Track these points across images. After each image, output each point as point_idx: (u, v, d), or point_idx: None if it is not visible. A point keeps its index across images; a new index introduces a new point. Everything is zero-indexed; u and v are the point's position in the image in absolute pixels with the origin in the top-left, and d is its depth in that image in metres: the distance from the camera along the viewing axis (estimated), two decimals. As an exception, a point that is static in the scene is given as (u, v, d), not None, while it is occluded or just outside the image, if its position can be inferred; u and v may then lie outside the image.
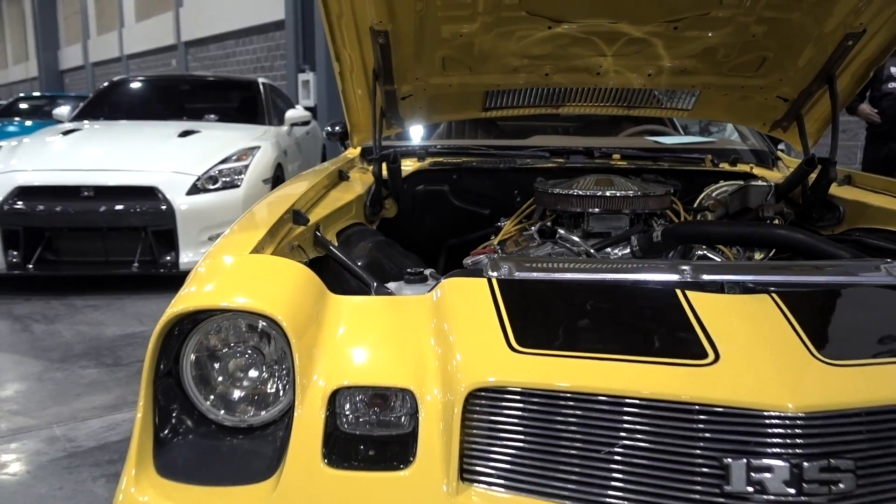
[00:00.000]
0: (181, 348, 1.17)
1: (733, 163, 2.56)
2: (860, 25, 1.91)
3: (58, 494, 2.12)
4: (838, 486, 0.91)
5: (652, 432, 0.96)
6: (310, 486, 1.03)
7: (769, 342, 1.02)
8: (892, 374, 0.99)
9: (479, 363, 1.05)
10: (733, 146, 2.84)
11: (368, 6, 1.85)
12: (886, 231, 1.93)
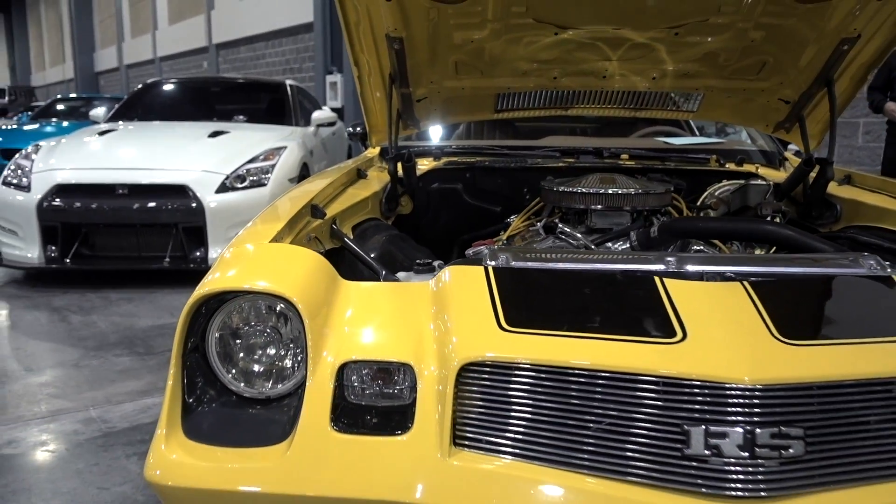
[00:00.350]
0: (207, 326, 1.30)
1: (739, 163, 2.64)
2: (854, 31, 1.98)
3: (94, 470, 2.28)
4: (788, 452, 1.01)
5: (622, 402, 1.07)
6: (318, 447, 1.15)
7: (734, 324, 1.12)
8: (843, 353, 1.09)
9: (470, 340, 1.17)
10: (742, 147, 2.92)
11: (384, 14, 1.97)
12: (879, 228, 2.00)
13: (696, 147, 2.79)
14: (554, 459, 1.08)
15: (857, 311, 1.22)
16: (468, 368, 1.15)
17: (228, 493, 1.14)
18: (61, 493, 2.13)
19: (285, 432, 1.20)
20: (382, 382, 1.21)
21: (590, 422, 1.07)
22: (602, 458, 1.06)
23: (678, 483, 1.03)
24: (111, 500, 2.10)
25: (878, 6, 1.90)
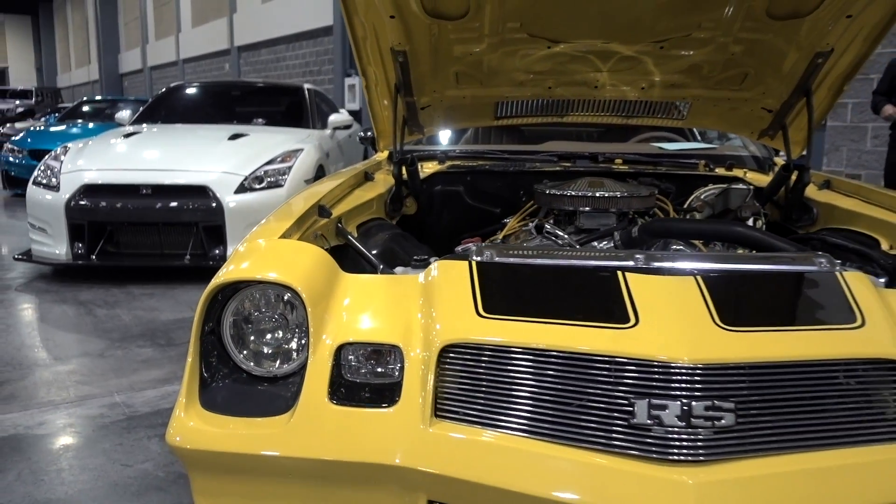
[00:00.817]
0: (222, 312, 1.46)
1: (729, 167, 2.77)
2: (827, 45, 2.12)
3: (118, 449, 2.46)
4: (720, 422, 1.16)
5: (580, 378, 1.22)
6: (317, 417, 1.31)
7: (681, 312, 1.27)
8: (773, 339, 1.23)
9: (451, 325, 1.32)
10: (735, 152, 3.04)
11: (389, 30, 2.14)
12: (848, 230, 2.14)
13: (688, 152, 2.93)
14: (520, 428, 1.23)
15: (794, 303, 1.36)
16: (448, 350, 1.31)
17: (238, 455, 1.31)
18: (88, 469, 2.32)
19: (289, 405, 1.36)
20: (374, 362, 1.37)
21: (552, 396, 1.23)
22: (561, 427, 1.21)
23: (625, 449, 1.18)
24: (134, 475, 2.28)
25: (847, 23, 2.03)
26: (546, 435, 1.22)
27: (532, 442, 1.22)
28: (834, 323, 1.29)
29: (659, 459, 1.16)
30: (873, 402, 1.25)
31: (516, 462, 1.20)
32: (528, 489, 1.18)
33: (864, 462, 1.19)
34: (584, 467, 1.17)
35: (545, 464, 1.19)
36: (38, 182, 4.98)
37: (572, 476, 1.17)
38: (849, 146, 7.17)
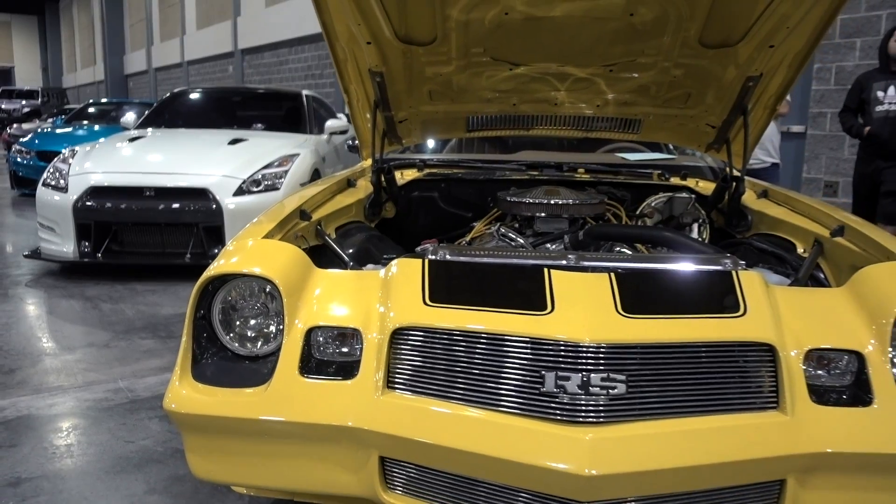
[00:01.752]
0: (212, 300, 1.72)
1: (683, 177, 3.02)
2: (756, 70, 2.38)
3: (122, 428, 2.72)
4: (614, 391, 1.41)
5: (504, 355, 1.48)
6: (289, 388, 1.57)
7: (590, 302, 1.52)
8: (664, 324, 1.48)
9: (401, 312, 1.58)
10: (693, 163, 3.30)
11: (366, 54, 2.41)
12: (773, 235, 2.40)
13: (647, 162, 3.19)
14: (456, 397, 1.49)
15: (690, 295, 1.61)
16: (399, 333, 1.57)
17: (223, 418, 1.57)
18: (95, 444, 2.58)
19: (266, 378, 1.62)
20: (339, 342, 1.63)
21: (481, 370, 1.49)
22: (487, 396, 1.47)
23: (538, 413, 1.43)
24: (136, 450, 2.54)
25: (771, 52, 2.29)
26: (474, 402, 1.48)
27: (464, 407, 1.48)
28: (720, 312, 1.55)
29: (564, 421, 1.42)
30: (748, 377, 1.50)
31: (451, 424, 1.46)
32: (459, 445, 1.44)
33: (733, 426, 1.44)
34: (504, 427, 1.43)
35: (473, 425, 1.45)
36: (47, 183, 5.25)
37: (494, 434, 1.43)
38: (827, 154, 7.41)
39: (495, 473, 1.44)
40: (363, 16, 2.24)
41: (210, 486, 2.28)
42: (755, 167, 5.46)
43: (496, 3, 2.18)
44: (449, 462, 1.47)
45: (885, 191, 4.96)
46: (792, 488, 1.46)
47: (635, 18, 2.20)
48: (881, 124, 4.92)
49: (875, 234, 1.95)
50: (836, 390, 1.54)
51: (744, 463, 1.42)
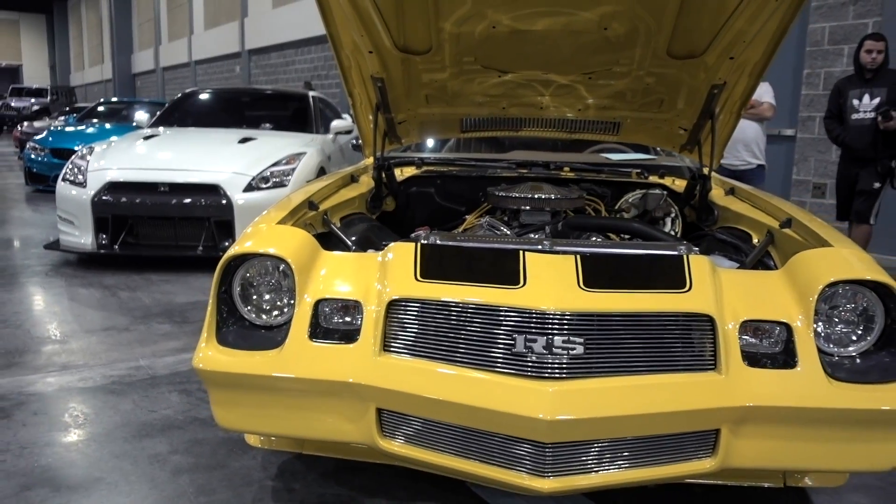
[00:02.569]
0: (233, 277, 1.99)
1: (661, 176, 3.27)
2: (720, 79, 2.63)
3: (145, 400, 2.99)
4: (573, 352, 1.67)
5: (484, 322, 1.74)
6: (299, 350, 1.84)
7: (556, 278, 1.78)
8: (618, 297, 1.74)
9: (396, 287, 1.84)
10: (672, 163, 3.55)
11: (368, 62, 2.67)
12: (733, 227, 2.66)
13: (628, 162, 3.44)
14: (441, 357, 1.75)
15: (644, 274, 1.87)
16: (393, 304, 1.83)
17: (242, 375, 1.83)
18: (121, 413, 2.85)
19: (279, 343, 1.89)
20: (342, 313, 1.90)
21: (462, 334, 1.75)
22: (467, 356, 1.73)
23: (509, 369, 1.70)
24: (158, 418, 2.81)
25: (732, 62, 2.55)
26: (456, 361, 1.74)
27: (447, 365, 1.74)
28: (668, 288, 1.81)
29: (531, 376, 1.68)
30: (690, 342, 1.77)
31: (437, 379, 1.73)
32: (443, 397, 1.70)
33: (676, 383, 1.71)
34: (481, 382, 1.70)
35: (454, 380, 1.71)
36: (66, 179, 5.53)
37: (472, 387, 1.69)
38: (816, 157, 7.64)
39: (473, 420, 1.70)
40: (366, 28, 2.50)
41: (227, 447, 2.55)
42: (741, 168, 5.71)
43: (485, 17, 2.45)
44: (435, 411, 1.74)
45: (858, 190, 5.23)
46: (725, 437, 1.72)
47: (609, 32, 2.46)
48: (857, 132, 5.17)
49: (816, 226, 2.20)
50: (766, 355, 1.80)
51: (684, 413, 1.68)
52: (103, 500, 2.21)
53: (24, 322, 4.04)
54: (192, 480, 2.33)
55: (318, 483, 2.32)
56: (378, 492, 2.27)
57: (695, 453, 1.75)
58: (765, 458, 1.75)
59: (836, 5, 7.20)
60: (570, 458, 1.69)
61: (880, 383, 1.74)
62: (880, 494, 2.36)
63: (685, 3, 2.31)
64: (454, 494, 2.25)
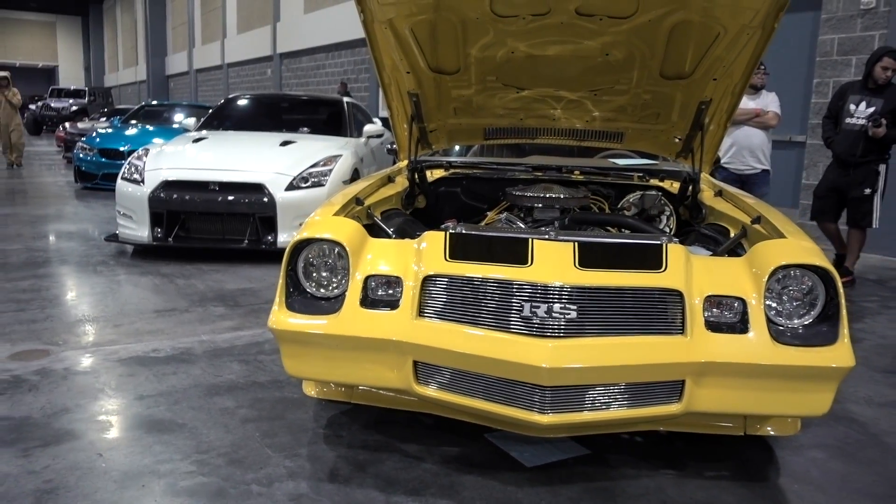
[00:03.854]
0: (297, 257, 2.48)
1: (661, 179, 3.72)
2: (706, 96, 3.08)
3: (209, 368, 3.49)
4: (568, 315, 2.13)
5: (499, 293, 2.20)
6: (352, 315, 2.32)
7: (557, 260, 2.24)
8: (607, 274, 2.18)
9: (429, 266, 2.31)
10: (673, 167, 3.98)
11: (406, 80, 3.16)
12: (717, 224, 3.09)
13: (632, 167, 3.88)
14: (465, 321, 2.22)
15: (628, 257, 2.30)
16: (427, 279, 2.30)
17: (307, 333, 2.32)
18: (191, 377, 3.35)
19: (336, 310, 2.37)
20: (386, 286, 2.37)
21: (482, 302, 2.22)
22: (486, 318, 2.20)
23: (518, 330, 2.16)
24: (223, 382, 3.31)
25: (715, 84, 2.99)
26: (477, 323, 2.21)
27: (470, 327, 2.21)
28: (647, 269, 2.26)
29: (536, 335, 2.14)
30: (663, 311, 2.21)
31: (461, 337, 2.20)
32: (466, 350, 2.17)
33: (649, 342, 2.16)
34: (496, 339, 2.16)
35: (475, 338, 2.18)
36: (125, 178, 6.09)
37: (488, 343, 2.16)
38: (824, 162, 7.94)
39: (489, 369, 2.17)
40: (404, 52, 2.99)
41: (284, 404, 3.04)
42: (747, 172, 6.11)
43: (505, 44, 2.92)
44: (459, 362, 2.21)
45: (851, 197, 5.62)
46: (689, 386, 2.17)
47: (610, 57, 2.93)
48: (845, 136, 5.55)
49: (778, 223, 2.64)
50: (724, 324, 2.24)
51: (656, 366, 2.14)
52: (188, 439, 2.71)
53: (98, 303, 4.58)
54: (257, 427, 2.83)
55: (360, 432, 2.80)
56: (410, 439, 2.74)
57: (665, 399, 2.20)
58: (721, 404, 2.20)
59: (845, 18, 7.55)
60: (564, 399, 2.16)
61: (815, 347, 2.18)
62: (836, 451, 2.79)
63: (672, 34, 2.77)
64: (474, 442, 2.71)
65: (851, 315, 4.89)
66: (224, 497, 2.31)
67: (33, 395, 3.10)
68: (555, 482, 2.46)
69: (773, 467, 2.64)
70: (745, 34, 2.70)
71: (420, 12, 2.79)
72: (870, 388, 3.49)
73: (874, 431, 2.99)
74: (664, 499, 2.38)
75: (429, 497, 2.34)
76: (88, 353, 3.65)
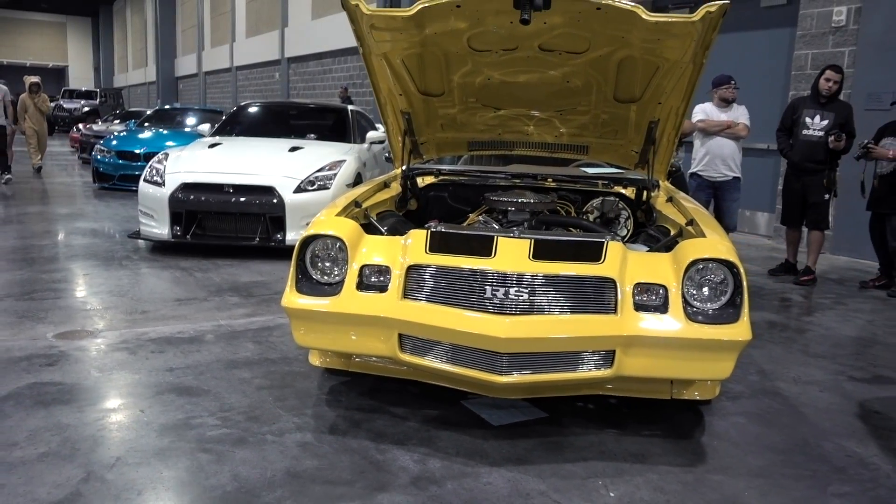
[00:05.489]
0: (305, 250, 3.01)
1: (624, 186, 4.25)
2: (655, 116, 3.61)
3: (227, 347, 4.03)
4: (522, 297, 2.66)
5: (468, 279, 2.74)
6: (350, 296, 2.85)
7: (516, 253, 2.77)
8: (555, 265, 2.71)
9: (412, 257, 2.84)
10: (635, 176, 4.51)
11: (399, 101, 3.70)
12: (662, 226, 3.62)
13: (598, 175, 4.42)
14: (440, 301, 2.75)
15: (575, 252, 2.83)
16: (411, 268, 2.83)
17: (312, 311, 2.86)
18: (213, 353, 3.90)
19: (337, 293, 2.91)
20: (378, 273, 2.91)
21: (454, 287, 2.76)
22: (457, 299, 2.73)
23: (482, 308, 2.69)
24: (240, 357, 3.85)
25: (660, 106, 3.53)
26: (450, 303, 2.75)
27: (444, 307, 2.74)
28: (588, 261, 2.79)
29: (496, 313, 2.67)
30: (599, 295, 2.75)
31: (438, 314, 2.73)
32: (440, 324, 2.71)
33: (588, 319, 2.69)
34: (465, 316, 2.69)
35: (448, 314, 2.71)
36: (147, 180, 6.65)
37: (459, 319, 2.69)
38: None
39: (458, 339, 2.70)
40: (397, 78, 3.54)
41: (292, 375, 3.58)
42: (720, 180, 6.61)
43: (481, 73, 3.47)
44: (435, 334, 2.74)
45: (810, 203, 6.15)
46: (619, 355, 2.70)
47: (570, 84, 3.47)
48: (804, 147, 6.08)
49: (704, 224, 3.16)
50: (649, 305, 2.77)
51: (592, 337, 2.67)
52: (213, 401, 3.25)
53: (126, 292, 5.14)
54: (269, 393, 3.37)
55: (356, 397, 3.34)
56: (398, 403, 3.28)
57: (599, 365, 2.73)
58: (644, 370, 2.73)
59: (818, 34, 8.07)
60: (519, 363, 2.69)
61: (720, 325, 2.71)
62: (755, 417, 3.33)
63: (621, 66, 3.31)
64: (451, 407, 3.25)
65: (805, 310, 5.44)
66: (244, 444, 2.85)
67: (80, 365, 3.65)
68: (515, 437, 2.99)
69: (699, 429, 3.17)
70: (679, 67, 3.23)
71: (410, 47, 3.34)
72: (800, 370, 4.01)
73: (793, 403, 3.52)
74: (603, 450, 2.92)
75: (411, 446, 2.88)
76: (123, 333, 4.20)
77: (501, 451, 2.87)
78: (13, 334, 4.11)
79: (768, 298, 5.72)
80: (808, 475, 2.79)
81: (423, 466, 2.72)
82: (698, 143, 6.52)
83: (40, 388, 3.35)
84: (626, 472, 2.74)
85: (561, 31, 3.10)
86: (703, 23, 2.90)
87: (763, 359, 4.17)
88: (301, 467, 2.68)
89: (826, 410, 3.45)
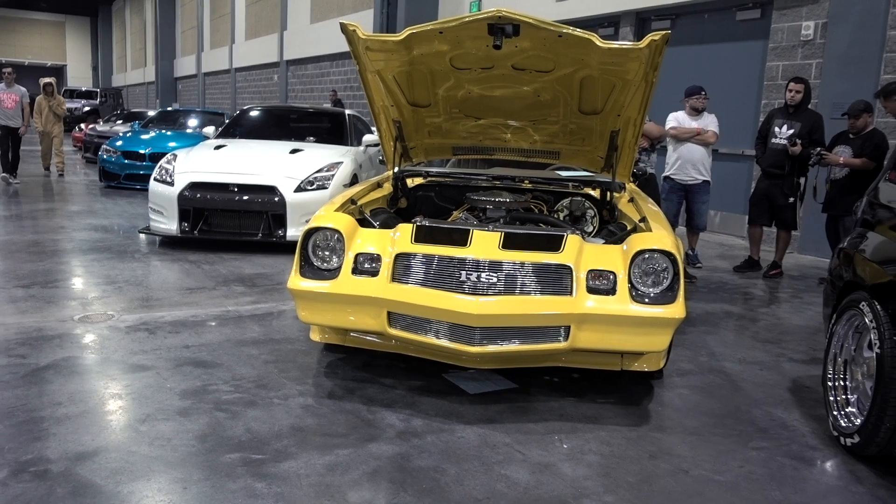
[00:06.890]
0: (307, 240, 3.49)
1: (594, 188, 4.74)
2: (616, 127, 4.11)
3: (236, 329, 4.52)
4: (492, 281, 3.13)
5: (446, 264, 3.22)
6: (346, 280, 3.33)
7: (487, 244, 3.25)
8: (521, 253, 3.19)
9: (400, 247, 3.32)
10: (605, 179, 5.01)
11: (391, 111, 4.20)
12: (621, 222, 4.11)
13: (570, 178, 4.91)
14: (423, 283, 3.23)
15: (538, 243, 3.30)
16: (398, 256, 3.32)
17: (313, 292, 3.33)
18: (224, 334, 4.38)
19: (335, 277, 3.39)
20: (370, 260, 3.40)
21: (435, 272, 3.24)
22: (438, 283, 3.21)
23: (457, 290, 3.17)
24: (248, 338, 4.33)
25: (619, 118, 4.02)
26: (431, 286, 3.23)
27: (427, 288, 3.23)
28: (549, 251, 3.28)
29: (469, 293, 3.15)
30: (558, 280, 3.23)
31: (421, 295, 3.21)
32: (423, 303, 3.19)
33: (547, 298, 3.18)
34: (444, 296, 3.16)
35: (430, 295, 3.19)
36: (157, 179, 7.12)
37: (438, 299, 3.17)
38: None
39: (438, 315, 3.19)
40: (389, 92, 4.03)
41: (294, 352, 4.06)
42: (690, 183, 7.10)
43: (463, 87, 3.96)
44: (418, 311, 3.22)
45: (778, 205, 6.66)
46: (573, 330, 3.19)
47: (541, 98, 3.96)
48: (772, 154, 6.60)
49: (654, 221, 3.66)
50: (600, 289, 3.26)
51: (550, 314, 3.16)
52: (226, 372, 3.73)
53: (141, 282, 5.62)
54: (275, 366, 3.85)
55: (351, 371, 3.82)
56: (387, 375, 3.76)
57: (556, 338, 3.22)
58: (595, 342, 3.22)
59: (788, 47, 8.58)
60: (489, 335, 3.18)
61: (658, 305, 3.20)
62: (699, 389, 3.82)
63: (583, 83, 3.81)
64: (434, 379, 3.73)
65: (763, 302, 5.94)
66: (255, 405, 3.34)
67: (107, 342, 4.13)
68: (487, 403, 3.48)
69: (648, 398, 3.66)
70: (633, 84, 3.72)
71: (400, 65, 3.83)
72: (746, 353, 4.51)
73: (734, 379, 4.02)
74: (562, 413, 3.41)
75: (397, 409, 3.37)
76: (142, 317, 4.68)
77: (475, 413, 3.35)
78: (43, 317, 4.59)
79: (730, 292, 6.22)
80: (735, 434, 3.29)
81: (408, 424, 3.21)
82: (671, 149, 7.00)
83: (74, 360, 3.83)
84: (579, 430, 3.23)
85: (530, 54, 3.60)
86: (650, 48, 3.39)
87: (715, 343, 4.66)
88: (303, 423, 3.16)
89: (762, 385, 3.94)
